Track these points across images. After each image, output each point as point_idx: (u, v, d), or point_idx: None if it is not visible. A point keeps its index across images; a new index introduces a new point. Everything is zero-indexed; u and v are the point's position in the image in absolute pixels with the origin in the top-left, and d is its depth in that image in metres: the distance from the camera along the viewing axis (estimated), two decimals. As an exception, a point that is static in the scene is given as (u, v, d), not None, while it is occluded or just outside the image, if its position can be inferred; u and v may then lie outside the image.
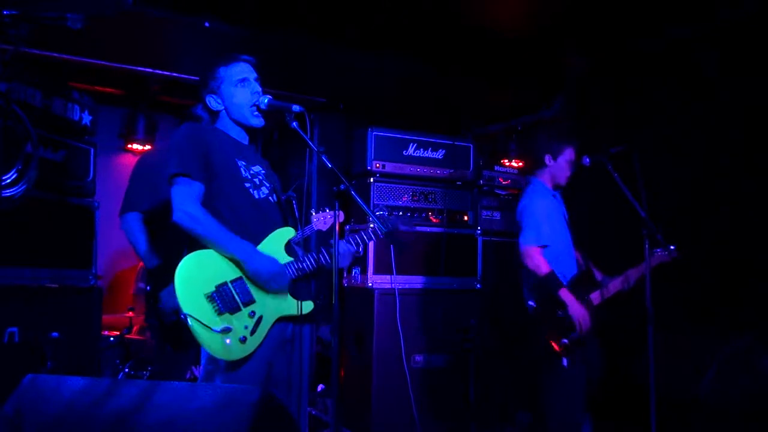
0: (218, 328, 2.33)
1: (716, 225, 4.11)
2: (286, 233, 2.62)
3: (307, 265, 2.54)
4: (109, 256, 5.78)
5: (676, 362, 3.64)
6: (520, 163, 5.41)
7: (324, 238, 4.05)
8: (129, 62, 4.47)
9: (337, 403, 2.38)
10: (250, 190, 2.55)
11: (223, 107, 2.63)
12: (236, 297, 2.42)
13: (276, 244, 2.57)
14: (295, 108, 2.49)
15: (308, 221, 3.78)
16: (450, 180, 4.72)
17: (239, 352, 2.36)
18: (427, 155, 4.66)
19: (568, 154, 3.72)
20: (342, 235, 2.84)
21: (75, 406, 1.94)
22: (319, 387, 4.87)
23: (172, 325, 3.11)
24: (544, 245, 3.58)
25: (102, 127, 4.14)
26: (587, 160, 3.53)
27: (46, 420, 1.93)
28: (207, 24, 4.07)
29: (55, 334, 3.39)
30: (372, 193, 4.42)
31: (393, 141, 4.56)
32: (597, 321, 3.51)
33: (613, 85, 4.89)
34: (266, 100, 2.56)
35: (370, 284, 4.30)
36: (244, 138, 2.68)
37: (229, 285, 2.42)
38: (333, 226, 2.48)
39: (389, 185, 4.50)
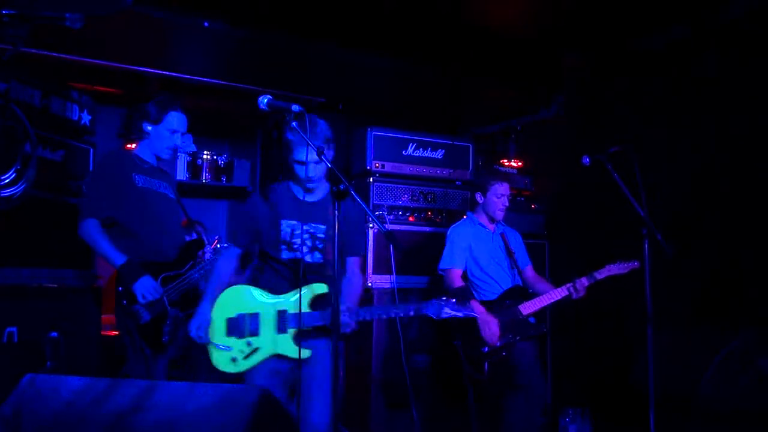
0: (221, 344, 2.88)
1: (716, 224, 4.11)
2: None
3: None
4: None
5: (676, 362, 3.64)
6: (520, 163, 5.40)
7: None
8: (129, 62, 4.46)
9: (336, 402, 2.39)
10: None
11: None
12: (245, 326, 2.90)
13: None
14: (295, 108, 2.51)
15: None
16: (449, 180, 4.72)
17: (227, 366, 2.89)
18: (426, 155, 4.65)
19: (494, 190, 4.03)
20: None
21: (74, 406, 1.93)
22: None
23: (148, 325, 3.01)
24: (460, 268, 4.01)
25: (101, 126, 4.14)
26: (587, 159, 3.53)
27: (45, 420, 1.93)
28: (206, 24, 4.07)
29: (54, 333, 3.39)
30: (371, 192, 4.42)
31: (392, 141, 4.55)
32: (523, 326, 3.80)
33: (614, 85, 4.88)
34: (266, 100, 2.57)
35: (369, 284, 4.30)
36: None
37: (245, 316, 2.91)
38: (335, 224, 2.48)
39: (389, 185, 4.49)
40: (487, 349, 3.73)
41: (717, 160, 4.16)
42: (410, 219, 4.54)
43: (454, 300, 2.93)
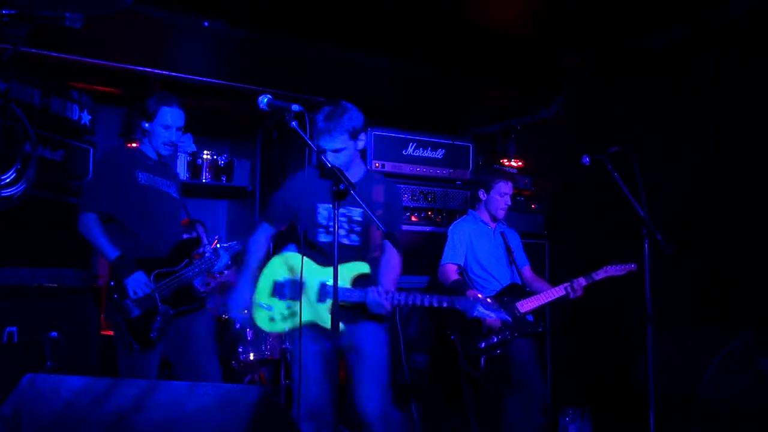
0: (263, 303, 3.02)
1: (716, 224, 4.11)
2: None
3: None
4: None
5: (676, 362, 3.64)
6: (520, 163, 5.41)
7: None
8: (129, 62, 4.46)
9: (336, 402, 2.39)
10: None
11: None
12: (287, 291, 3.03)
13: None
14: (295, 107, 2.51)
15: None
16: (450, 179, 4.72)
17: (265, 325, 3.02)
18: (426, 155, 4.65)
19: (498, 188, 4.05)
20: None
21: (74, 405, 1.93)
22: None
23: (137, 320, 3.00)
24: (457, 263, 4.01)
25: (101, 126, 4.14)
26: (587, 159, 3.53)
27: (45, 420, 1.93)
28: (206, 24, 4.07)
29: (54, 333, 3.39)
30: (372, 192, 4.42)
31: (392, 140, 4.55)
32: (520, 323, 3.80)
33: (614, 85, 4.89)
34: (266, 100, 2.57)
35: (369, 284, 4.29)
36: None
37: (291, 281, 3.02)
38: (335, 220, 2.49)
39: (389, 185, 4.49)
40: (483, 344, 3.74)
41: (717, 160, 4.16)
42: (411, 219, 4.54)
43: (489, 299, 3.00)
